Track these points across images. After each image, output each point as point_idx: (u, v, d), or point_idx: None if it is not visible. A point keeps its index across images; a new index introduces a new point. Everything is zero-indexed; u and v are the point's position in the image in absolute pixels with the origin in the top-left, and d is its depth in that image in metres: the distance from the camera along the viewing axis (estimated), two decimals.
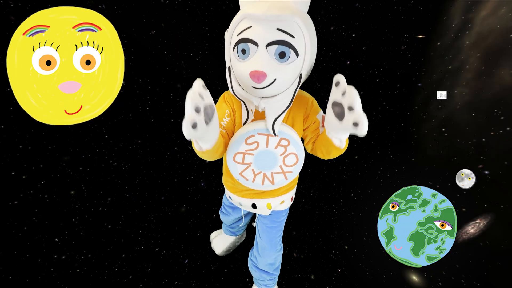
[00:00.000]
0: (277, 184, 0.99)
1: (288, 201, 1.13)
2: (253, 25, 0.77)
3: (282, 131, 0.88)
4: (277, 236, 1.20)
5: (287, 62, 0.78)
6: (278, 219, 1.15)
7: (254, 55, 0.78)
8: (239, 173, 0.97)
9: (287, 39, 0.76)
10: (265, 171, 0.95)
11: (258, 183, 0.98)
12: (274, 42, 0.76)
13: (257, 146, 0.90)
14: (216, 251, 1.64)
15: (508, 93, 1.48)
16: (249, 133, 0.88)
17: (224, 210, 1.39)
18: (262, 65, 0.77)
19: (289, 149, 0.91)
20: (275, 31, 0.76)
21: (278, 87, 0.81)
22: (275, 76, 0.78)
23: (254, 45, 0.77)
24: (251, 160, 0.93)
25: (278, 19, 0.76)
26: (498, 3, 1.48)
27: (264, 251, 1.21)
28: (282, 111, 0.85)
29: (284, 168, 0.95)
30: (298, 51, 0.79)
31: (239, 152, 0.91)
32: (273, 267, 1.28)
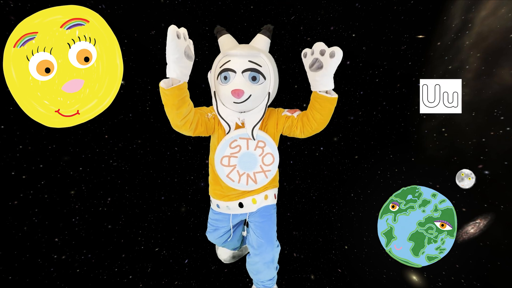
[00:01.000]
0: (259, 183, 1.19)
1: (271, 198, 1.29)
2: (231, 59, 1.09)
3: (258, 135, 1.13)
4: (271, 229, 1.29)
5: (258, 83, 1.09)
6: (267, 212, 1.28)
7: (233, 79, 1.07)
8: (226, 175, 1.17)
9: (256, 67, 1.08)
10: (248, 172, 1.16)
11: (243, 184, 1.18)
12: (247, 69, 1.07)
13: (239, 150, 1.14)
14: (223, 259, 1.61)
15: (508, 93, 1.48)
16: (232, 138, 1.13)
17: (210, 227, 1.39)
18: (239, 85, 1.06)
19: (266, 149, 1.15)
20: (247, 62, 1.08)
21: (253, 101, 1.10)
22: (250, 92, 1.07)
23: (233, 72, 1.07)
24: (236, 162, 1.15)
25: (248, 54, 1.09)
26: (498, 3, 1.48)
27: (261, 248, 1.26)
28: (258, 120, 1.12)
29: (264, 167, 1.17)
30: (265, 76, 1.10)
31: (225, 156, 1.15)
32: (273, 265, 1.30)
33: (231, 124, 1.13)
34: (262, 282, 1.35)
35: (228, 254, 1.59)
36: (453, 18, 1.57)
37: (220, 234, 1.36)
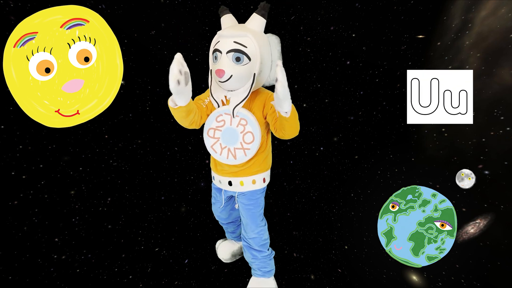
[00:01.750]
0: (239, 159, 1.22)
1: (260, 182, 1.32)
2: (220, 40, 1.12)
3: (241, 112, 1.16)
4: (256, 212, 1.35)
5: (241, 64, 1.10)
6: (253, 197, 1.32)
7: (219, 59, 1.11)
8: (211, 146, 1.24)
9: (241, 48, 1.09)
10: (229, 146, 1.21)
11: (224, 157, 1.23)
12: (231, 50, 1.09)
13: (223, 124, 1.19)
14: (223, 258, 1.61)
15: (508, 93, 1.48)
16: (219, 112, 1.19)
17: (212, 199, 1.49)
18: (222, 65, 1.09)
19: (247, 128, 1.18)
20: (232, 43, 1.09)
21: (236, 81, 1.12)
22: (231, 73, 1.10)
23: (220, 52, 1.11)
24: (219, 135, 1.21)
25: (234, 35, 1.11)
26: (498, 3, 1.48)
27: (247, 227, 1.36)
28: (241, 99, 1.15)
29: (244, 145, 1.20)
30: (251, 57, 1.10)
31: (211, 128, 1.22)
32: (258, 242, 1.36)
33: (218, 101, 1.19)
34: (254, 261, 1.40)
35: (228, 253, 1.60)
36: (453, 18, 1.57)
37: (219, 208, 1.45)
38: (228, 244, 1.63)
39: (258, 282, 1.42)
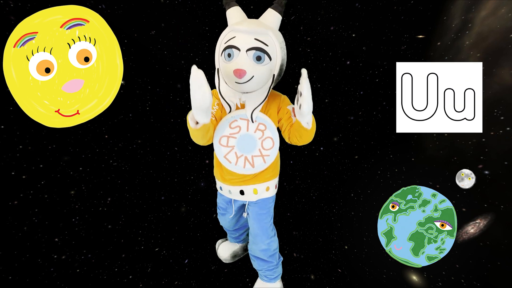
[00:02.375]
0: (257, 168, 1.13)
1: (272, 189, 1.26)
2: (236, 36, 1.00)
3: (259, 117, 1.07)
4: (267, 222, 1.29)
5: (262, 63, 1.00)
6: (265, 205, 1.26)
7: (237, 57, 1.00)
8: (224, 155, 1.12)
9: (263, 47, 0.99)
10: (246, 154, 1.11)
11: (240, 166, 1.13)
12: (252, 48, 0.99)
13: (239, 130, 1.08)
14: (223, 258, 1.61)
15: (508, 93, 1.48)
16: (233, 117, 1.08)
17: (219, 210, 1.42)
18: (243, 65, 0.98)
19: (266, 133, 1.09)
20: (253, 40, 0.99)
21: (255, 83, 1.02)
22: (253, 73, 0.99)
23: (237, 50, 0.99)
24: (234, 143, 1.10)
25: (255, 32, 1.00)
26: (498, 3, 1.48)
27: (257, 238, 1.29)
28: (259, 103, 1.06)
29: (263, 151, 1.11)
30: (271, 56, 1.01)
31: (224, 136, 1.09)
32: (267, 253, 1.31)
33: (231, 104, 1.08)
34: (261, 271, 1.38)
35: (228, 254, 1.60)
36: (453, 18, 1.57)
37: (228, 219, 1.39)
38: (229, 244, 1.63)
39: (263, 285, 1.40)
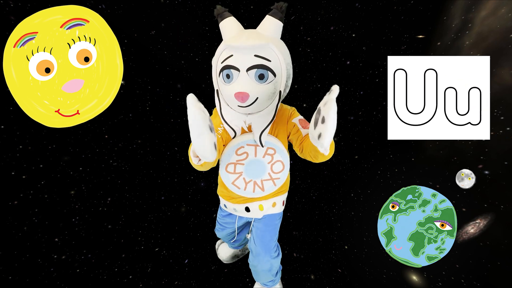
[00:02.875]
0: (267, 191, 1.09)
1: (279, 205, 1.19)
2: (234, 54, 0.89)
3: (268, 141, 0.99)
4: (271, 240, 1.22)
5: (266, 82, 0.90)
6: (271, 222, 1.20)
7: (237, 79, 0.89)
8: (232, 182, 1.07)
9: (264, 63, 0.88)
10: (255, 179, 1.06)
11: (249, 191, 1.08)
12: (253, 66, 0.88)
13: (246, 156, 1.01)
14: (223, 259, 1.60)
15: (508, 93, 1.48)
16: (239, 144, 0.99)
17: (218, 226, 1.38)
18: (244, 87, 0.88)
19: (276, 157, 1.02)
20: (253, 57, 0.88)
21: (260, 104, 0.92)
22: (256, 95, 0.90)
23: (236, 70, 0.89)
24: (242, 169, 1.04)
25: (254, 47, 0.88)
26: (498, 3, 1.48)
27: (259, 257, 1.22)
28: (267, 124, 0.96)
29: (272, 175, 1.05)
30: (275, 72, 0.90)
31: (231, 163, 1.02)
32: (270, 273, 1.27)
33: (236, 129, 0.99)
34: (262, 282, 1.36)
35: (228, 254, 1.59)
36: (453, 18, 1.57)
37: (228, 233, 1.36)
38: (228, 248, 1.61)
39: None
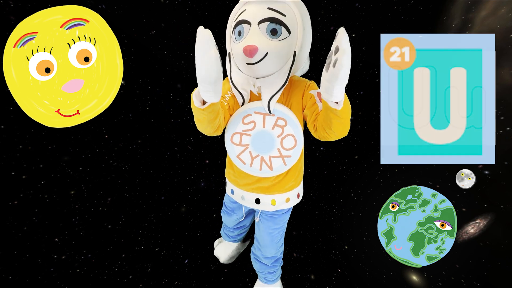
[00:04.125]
0: (275, 170, 0.97)
1: (294, 199, 1.10)
2: (247, 8, 0.83)
3: (278, 110, 0.88)
4: (279, 236, 1.21)
5: (279, 38, 0.82)
6: (281, 221, 1.13)
7: (247, 33, 0.82)
8: (237, 155, 0.96)
9: (278, 17, 0.80)
10: (262, 154, 0.94)
11: (255, 168, 0.96)
12: (265, 19, 0.80)
13: (254, 126, 0.91)
14: (220, 259, 1.59)
15: (508, 93, 1.48)
16: (246, 112, 0.90)
17: (225, 209, 1.33)
18: (253, 40, 0.80)
19: (287, 130, 0.91)
20: (266, 10, 0.80)
21: (271, 63, 0.83)
22: (266, 50, 0.81)
23: (248, 24, 0.82)
24: (249, 141, 0.93)
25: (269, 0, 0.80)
26: (498, 3, 1.48)
27: (266, 249, 1.22)
28: (277, 89, 0.85)
29: (282, 151, 0.93)
30: (290, 29, 0.82)
31: (236, 133, 0.92)
32: (272, 260, 1.29)
33: (244, 93, 0.90)
34: (262, 273, 1.35)
35: (225, 257, 1.58)
36: (453, 18, 1.57)
37: (234, 219, 1.31)
38: (224, 246, 1.60)
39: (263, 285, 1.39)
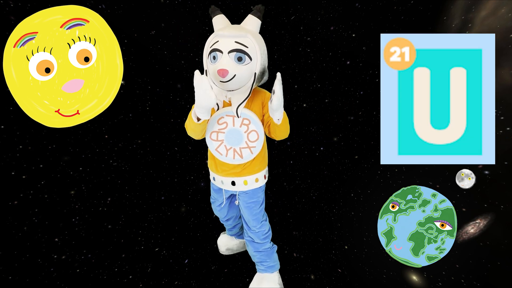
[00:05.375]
0: (245, 158, 1.26)
1: (261, 179, 1.36)
2: (219, 40, 1.13)
3: (244, 112, 1.19)
4: (258, 209, 1.39)
5: (243, 64, 1.11)
6: (255, 195, 1.36)
7: (220, 59, 1.11)
8: (215, 149, 1.26)
9: (243, 48, 1.11)
10: (234, 147, 1.24)
11: (230, 157, 1.26)
12: (233, 50, 1.10)
13: (226, 126, 1.22)
14: (220, 249, 1.69)
15: (508, 93, 1.48)
16: (220, 115, 1.21)
17: (211, 199, 1.54)
18: (225, 65, 1.10)
19: (251, 127, 1.21)
20: (234, 43, 1.10)
21: (238, 81, 1.13)
22: (234, 72, 1.10)
23: (220, 52, 1.11)
24: (223, 137, 1.23)
25: (236, 35, 1.12)
26: (498, 3, 1.48)
27: (249, 224, 1.41)
28: (243, 99, 1.17)
29: (249, 143, 1.23)
30: (251, 56, 1.12)
31: (214, 131, 1.23)
32: (261, 235, 1.41)
33: (219, 102, 1.21)
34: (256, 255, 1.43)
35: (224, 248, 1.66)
36: (453, 18, 1.57)
37: (218, 206, 1.49)
38: (226, 238, 1.68)
39: (261, 277, 1.45)
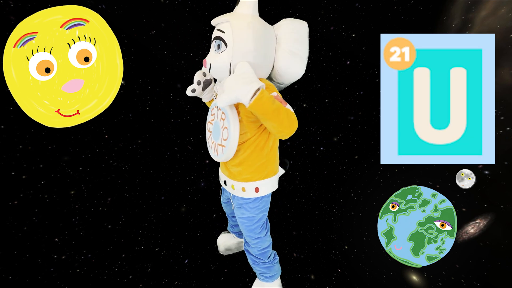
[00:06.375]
0: (219, 157, 1.12)
1: (250, 191, 1.13)
2: None
3: (223, 106, 1.03)
4: (251, 225, 1.20)
5: (220, 51, 1.02)
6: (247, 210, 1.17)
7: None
8: (207, 139, 1.21)
9: (220, 34, 1.02)
10: (216, 141, 1.13)
11: (212, 152, 1.17)
12: (215, 38, 1.04)
13: (214, 118, 1.14)
14: (219, 248, 1.66)
15: (508, 93, 1.48)
16: (212, 106, 1.18)
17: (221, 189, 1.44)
18: (208, 55, 1.07)
19: (225, 123, 1.05)
20: (216, 31, 1.04)
21: (215, 71, 1.06)
22: (210, 61, 1.05)
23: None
24: (211, 129, 1.16)
25: (218, 22, 1.05)
26: (498, 3, 1.48)
27: (245, 238, 1.26)
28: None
29: (222, 141, 1.08)
30: (227, 42, 1.01)
31: (208, 121, 1.19)
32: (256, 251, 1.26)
33: (214, 94, 1.19)
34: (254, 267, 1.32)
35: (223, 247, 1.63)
36: (453, 18, 1.57)
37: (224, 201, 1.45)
38: (225, 237, 1.65)
39: (261, 284, 1.39)
